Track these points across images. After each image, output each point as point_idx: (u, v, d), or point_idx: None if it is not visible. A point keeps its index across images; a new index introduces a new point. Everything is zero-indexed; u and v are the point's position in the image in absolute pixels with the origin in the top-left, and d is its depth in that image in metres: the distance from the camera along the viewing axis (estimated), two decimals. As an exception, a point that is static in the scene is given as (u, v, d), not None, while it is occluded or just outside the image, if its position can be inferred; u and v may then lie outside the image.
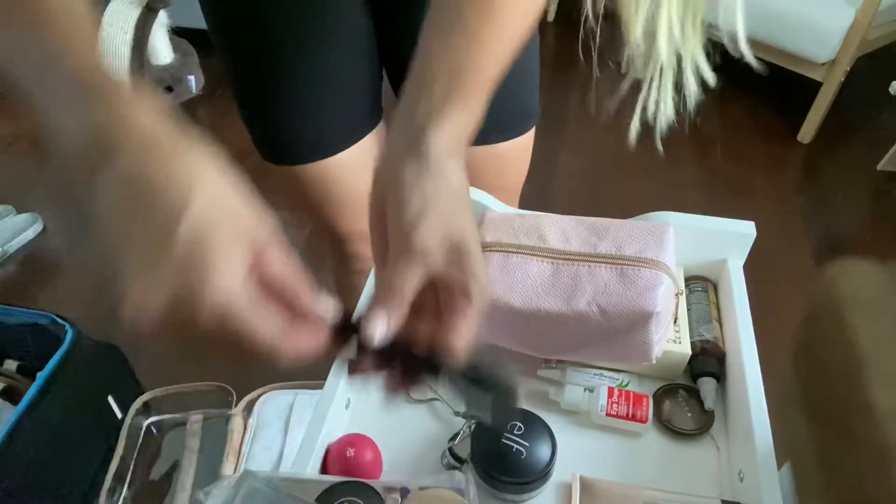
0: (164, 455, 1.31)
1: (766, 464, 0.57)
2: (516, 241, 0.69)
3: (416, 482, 0.57)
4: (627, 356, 0.65)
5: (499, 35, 0.51)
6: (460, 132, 0.50)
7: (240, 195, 0.40)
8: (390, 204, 0.46)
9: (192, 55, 2.35)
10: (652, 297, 0.61)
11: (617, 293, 0.62)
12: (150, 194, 0.37)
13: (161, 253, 0.37)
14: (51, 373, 1.15)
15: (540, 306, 0.63)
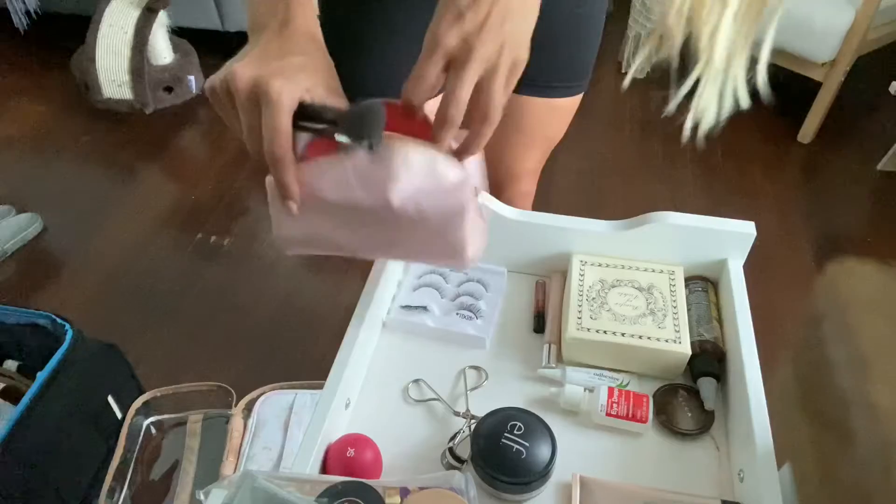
0: (164, 455, 1.31)
1: (766, 464, 0.57)
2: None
3: (416, 482, 0.57)
4: (439, 256, 0.62)
5: None
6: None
7: (332, 73, 0.58)
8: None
9: (192, 55, 2.35)
10: (461, 193, 0.56)
11: (429, 188, 0.56)
12: (290, 41, 0.57)
13: (271, 59, 0.54)
14: (51, 373, 1.15)
15: (353, 198, 0.57)
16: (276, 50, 0.55)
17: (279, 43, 0.56)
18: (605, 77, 2.62)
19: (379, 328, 0.78)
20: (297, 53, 0.56)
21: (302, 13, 0.58)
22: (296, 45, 0.57)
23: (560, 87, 0.94)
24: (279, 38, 0.57)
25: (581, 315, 0.72)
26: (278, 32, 0.57)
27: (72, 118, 2.38)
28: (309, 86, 0.54)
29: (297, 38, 0.57)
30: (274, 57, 0.54)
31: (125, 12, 2.15)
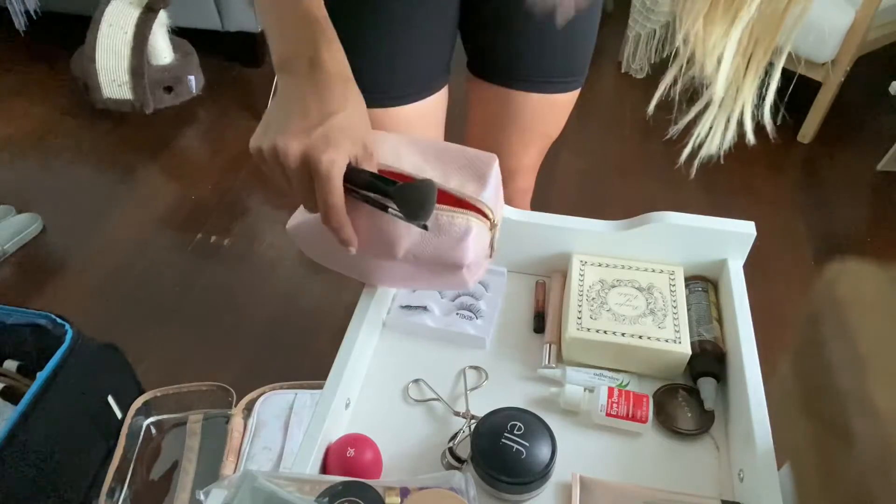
0: (164, 455, 1.31)
1: (766, 464, 0.58)
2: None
3: (416, 482, 0.57)
4: (445, 286, 0.75)
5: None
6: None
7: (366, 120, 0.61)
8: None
9: (192, 55, 2.35)
10: (462, 248, 0.61)
11: (430, 244, 0.62)
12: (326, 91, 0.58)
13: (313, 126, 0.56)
14: (51, 373, 1.15)
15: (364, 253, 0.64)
16: (316, 109, 0.57)
17: (317, 96, 0.58)
18: (605, 77, 2.62)
19: (379, 328, 0.78)
20: (337, 110, 0.57)
21: (328, 49, 0.60)
22: (332, 96, 0.58)
23: (557, 83, 0.94)
24: (314, 87, 0.58)
25: (581, 315, 0.72)
26: (310, 78, 0.58)
27: (72, 118, 2.38)
28: (354, 152, 0.58)
29: (332, 85, 0.58)
30: (316, 121, 0.56)
31: (125, 12, 2.15)
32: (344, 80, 0.60)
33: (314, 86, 0.58)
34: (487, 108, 0.99)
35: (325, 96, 0.58)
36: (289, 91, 0.59)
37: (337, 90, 0.58)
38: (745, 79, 0.54)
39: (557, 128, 1.02)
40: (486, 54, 0.94)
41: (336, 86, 0.59)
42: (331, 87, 0.58)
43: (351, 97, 0.60)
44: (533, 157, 1.05)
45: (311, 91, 0.58)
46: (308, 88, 0.58)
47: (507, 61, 0.92)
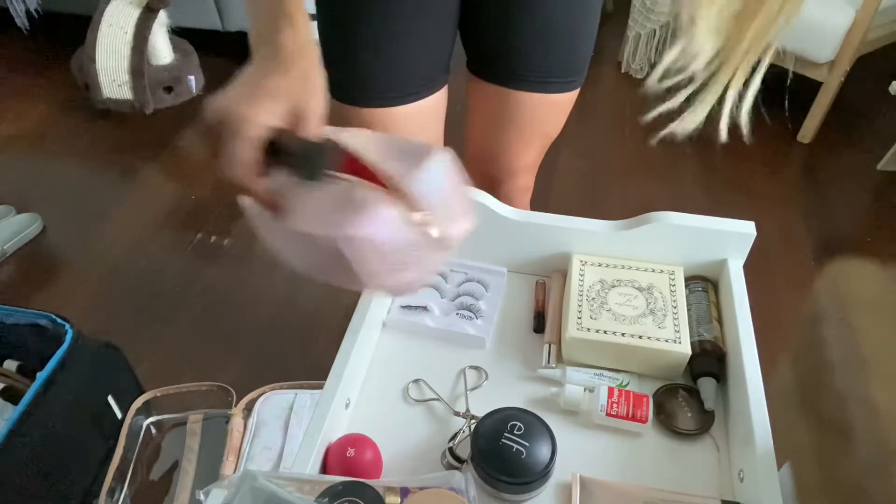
0: (164, 455, 1.31)
1: (766, 464, 0.58)
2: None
3: (416, 482, 0.57)
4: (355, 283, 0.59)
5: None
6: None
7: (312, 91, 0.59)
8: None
9: (192, 55, 2.35)
10: (352, 219, 0.54)
11: (325, 213, 0.56)
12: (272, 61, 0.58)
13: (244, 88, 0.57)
14: (51, 373, 1.15)
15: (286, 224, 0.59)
16: (257, 75, 0.58)
17: (264, 66, 0.58)
18: (605, 77, 2.62)
19: (379, 328, 0.78)
20: (271, 75, 0.57)
21: (289, 28, 0.59)
22: (276, 64, 0.58)
23: (557, 83, 0.94)
24: (264, 60, 0.59)
25: (581, 315, 0.72)
26: (265, 53, 0.59)
27: (72, 118, 2.38)
28: (279, 112, 0.56)
29: (277, 57, 0.58)
30: (250, 83, 0.57)
31: (125, 12, 2.15)
32: (294, 53, 0.59)
33: (263, 60, 0.59)
34: (487, 107, 0.99)
35: (267, 67, 0.58)
36: (246, 68, 0.60)
37: (282, 61, 0.58)
38: (735, 58, 0.52)
39: (557, 127, 1.02)
40: (486, 54, 0.94)
41: (283, 58, 0.58)
42: (277, 59, 0.58)
43: (297, 66, 0.59)
44: (532, 156, 1.05)
45: (259, 64, 0.59)
46: (258, 63, 0.59)
47: (507, 61, 0.92)
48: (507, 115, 0.98)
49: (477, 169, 1.10)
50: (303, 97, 0.58)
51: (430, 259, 0.60)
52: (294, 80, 0.58)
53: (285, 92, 0.57)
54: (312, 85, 0.60)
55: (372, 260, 0.56)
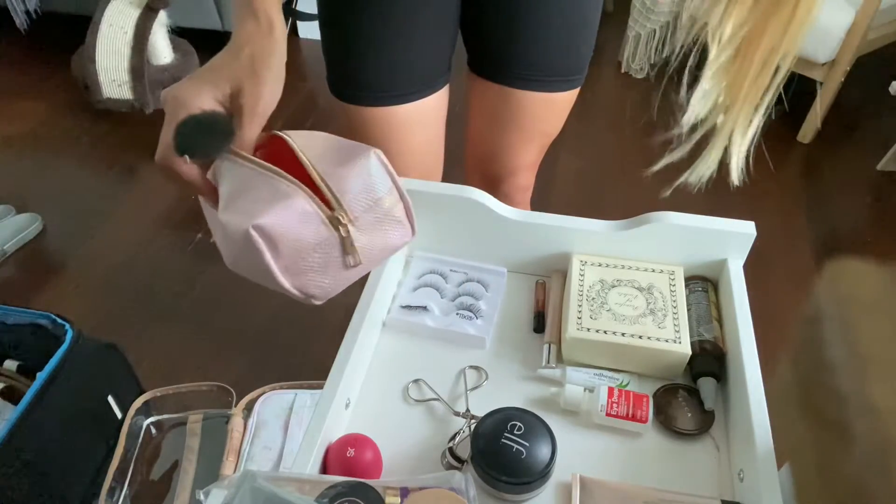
0: (164, 455, 1.31)
1: (766, 464, 0.58)
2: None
3: (416, 482, 0.57)
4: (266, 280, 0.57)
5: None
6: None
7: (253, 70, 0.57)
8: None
9: (192, 55, 2.35)
10: (263, 210, 0.52)
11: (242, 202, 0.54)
12: (226, 49, 0.58)
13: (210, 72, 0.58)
14: (51, 373, 1.15)
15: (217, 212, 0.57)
16: (210, 63, 0.58)
17: (220, 53, 0.58)
18: (605, 77, 2.62)
19: (379, 328, 0.78)
20: (225, 59, 0.57)
21: (248, 14, 0.58)
22: (225, 51, 0.58)
23: (557, 82, 0.95)
24: (224, 49, 0.59)
25: (581, 315, 0.72)
26: (230, 42, 0.59)
27: (72, 118, 2.38)
28: (215, 94, 0.56)
29: (231, 43, 0.58)
30: (199, 70, 0.57)
31: (125, 12, 2.15)
32: (249, 37, 0.58)
33: (226, 47, 0.59)
34: (488, 106, 0.99)
35: (221, 53, 0.58)
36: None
37: (233, 45, 0.58)
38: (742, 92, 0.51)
39: (557, 126, 1.03)
40: (487, 53, 0.94)
41: (235, 42, 0.58)
42: (230, 45, 0.58)
43: (247, 50, 0.57)
44: (533, 155, 1.05)
45: (217, 54, 0.59)
46: (218, 53, 0.59)
47: (509, 60, 0.92)
48: (508, 114, 0.98)
49: (477, 168, 1.10)
50: (246, 82, 0.57)
51: (342, 267, 0.57)
52: (241, 63, 0.57)
53: (227, 75, 0.57)
54: (258, 70, 0.57)
55: (283, 253, 0.53)
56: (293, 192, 0.54)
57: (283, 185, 0.54)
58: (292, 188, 0.54)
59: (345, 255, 0.57)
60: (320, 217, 0.55)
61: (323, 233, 0.55)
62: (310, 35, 2.80)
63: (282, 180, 0.54)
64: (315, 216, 0.54)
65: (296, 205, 0.53)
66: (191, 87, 0.56)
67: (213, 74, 0.57)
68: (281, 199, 0.53)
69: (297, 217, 0.53)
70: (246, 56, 0.57)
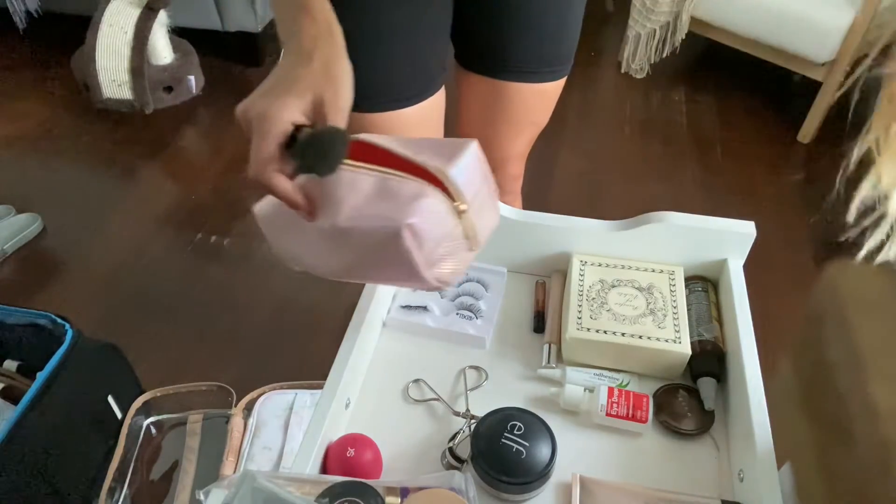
0: (164, 455, 1.31)
1: (766, 464, 0.58)
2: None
3: (416, 482, 0.57)
4: (402, 277, 0.58)
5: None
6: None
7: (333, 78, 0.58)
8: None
9: (192, 55, 2.35)
10: (407, 209, 0.54)
11: (373, 206, 0.55)
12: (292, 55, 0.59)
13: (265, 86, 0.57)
14: (51, 373, 1.15)
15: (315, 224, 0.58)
16: (277, 73, 0.57)
17: (283, 62, 0.58)
18: (605, 77, 2.62)
19: (379, 328, 0.78)
20: (292, 69, 0.56)
21: (306, 17, 0.59)
22: (295, 58, 0.57)
23: (546, 72, 0.96)
24: (284, 56, 0.58)
25: (581, 315, 0.72)
26: (285, 49, 0.59)
27: (72, 118, 2.38)
28: (300, 106, 0.55)
29: (298, 49, 0.58)
30: (274, 80, 0.56)
31: (125, 12, 2.15)
32: (314, 41, 0.58)
33: (286, 55, 0.59)
34: (479, 99, 1.00)
35: (289, 61, 0.58)
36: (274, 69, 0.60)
37: (303, 51, 0.58)
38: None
39: (546, 115, 1.05)
40: (477, 47, 0.95)
41: (303, 48, 0.58)
42: (298, 51, 0.58)
43: (318, 55, 0.57)
44: (523, 145, 1.08)
45: (282, 60, 0.59)
46: (282, 59, 0.59)
47: (498, 54, 0.93)
48: (500, 106, 0.99)
49: None
50: (325, 88, 0.57)
51: (467, 251, 0.61)
52: (315, 71, 0.57)
53: (306, 84, 0.56)
54: (334, 75, 0.58)
55: (425, 247, 0.55)
56: (423, 188, 0.55)
57: (411, 184, 0.56)
58: (420, 185, 0.56)
59: (467, 240, 0.60)
60: (449, 208, 0.57)
61: (451, 223, 0.57)
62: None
63: (405, 179, 0.56)
64: (446, 209, 0.57)
65: (431, 200, 0.55)
66: (275, 101, 0.55)
67: (293, 86, 0.56)
68: (418, 198, 0.55)
69: (433, 212, 0.55)
70: (318, 62, 0.57)
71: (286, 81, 0.56)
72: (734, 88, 2.52)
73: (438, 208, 0.56)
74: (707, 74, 2.62)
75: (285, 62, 0.58)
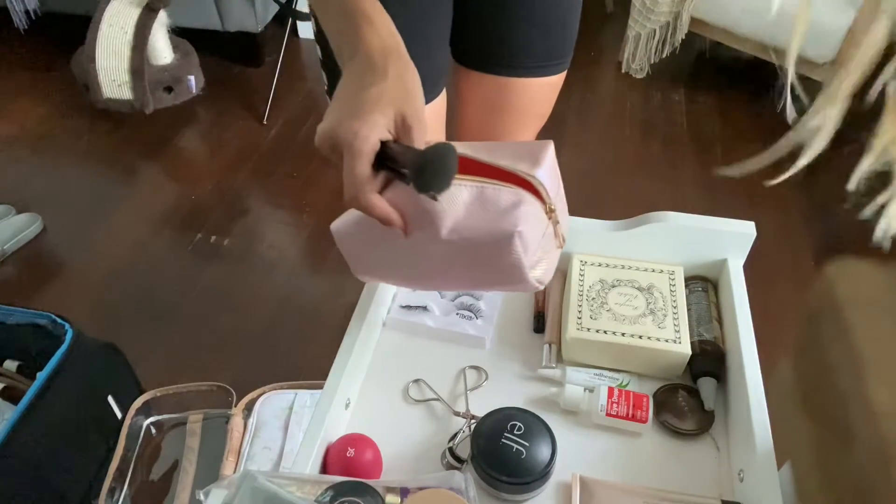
0: (164, 455, 1.31)
1: (766, 464, 0.58)
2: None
3: (416, 482, 0.57)
4: (503, 281, 0.61)
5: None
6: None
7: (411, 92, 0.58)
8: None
9: (192, 55, 2.35)
10: (511, 217, 0.56)
11: (475, 216, 0.57)
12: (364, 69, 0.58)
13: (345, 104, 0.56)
14: (51, 373, 1.15)
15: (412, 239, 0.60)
16: (352, 90, 0.56)
17: (356, 77, 0.57)
18: (605, 77, 2.62)
19: (379, 328, 0.78)
20: (370, 85, 0.56)
21: (368, 29, 0.58)
22: (369, 72, 0.57)
23: (550, 66, 0.97)
24: (354, 70, 0.58)
25: (581, 315, 0.72)
26: (352, 63, 0.58)
27: (72, 118, 2.38)
28: (386, 123, 0.55)
29: (370, 63, 0.57)
30: (350, 98, 0.56)
31: (125, 12, 2.15)
32: (384, 54, 0.58)
33: (354, 69, 0.58)
34: (483, 97, 1.00)
35: (362, 76, 0.57)
36: (340, 83, 0.59)
37: (375, 66, 0.57)
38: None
39: (549, 108, 1.06)
40: (480, 45, 0.95)
41: (375, 62, 0.57)
42: (369, 65, 0.57)
43: (391, 69, 0.57)
44: (529, 138, 1.09)
45: (351, 75, 0.58)
46: (350, 74, 0.58)
47: (502, 51, 0.93)
48: (505, 103, 1.00)
49: None
50: (404, 101, 0.57)
51: (556, 250, 0.63)
52: (391, 84, 0.56)
53: (387, 100, 0.56)
54: (411, 88, 0.58)
55: (528, 251, 0.57)
56: (521, 195, 0.57)
57: (508, 192, 0.57)
58: (517, 192, 0.57)
59: (557, 239, 0.62)
60: (544, 212, 0.59)
61: (545, 224, 0.60)
62: (310, 35, 2.80)
63: (501, 187, 0.58)
64: (541, 213, 0.59)
65: (530, 207, 0.57)
66: (363, 121, 0.54)
67: (377, 104, 0.55)
68: (518, 205, 0.56)
69: (533, 216, 0.57)
70: (393, 77, 0.57)
71: (367, 100, 0.55)
72: (734, 88, 2.52)
73: (536, 213, 0.58)
74: (707, 74, 2.62)
75: (355, 78, 0.57)
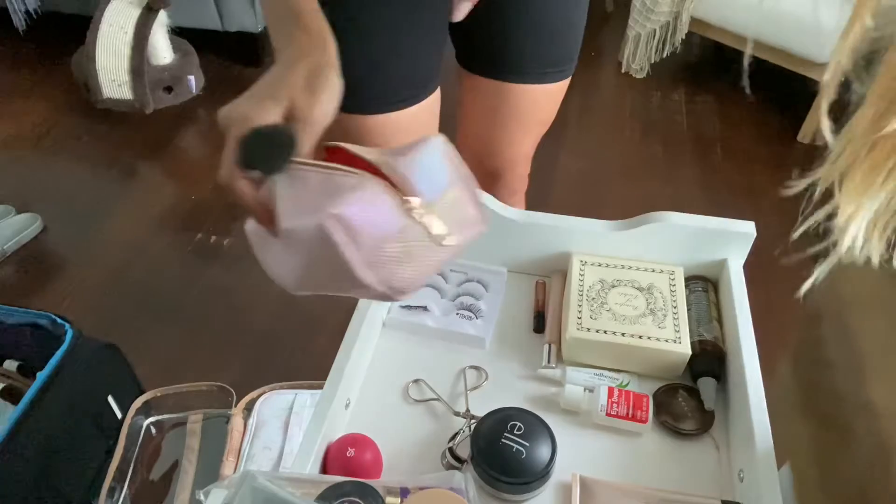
0: (164, 455, 1.31)
1: (766, 464, 0.57)
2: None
3: (416, 482, 0.57)
4: (344, 281, 0.52)
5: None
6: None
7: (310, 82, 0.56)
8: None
9: (192, 55, 2.35)
10: (335, 200, 0.49)
11: (311, 202, 0.50)
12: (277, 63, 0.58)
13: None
14: (51, 373, 1.15)
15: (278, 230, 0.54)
16: (267, 77, 0.57)
17: (275, 68, 0.58)
18: (605, 77, 2.62)
19: (379, 328, 0.78)
20: (280, 72, 0.56)
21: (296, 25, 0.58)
22: (284, 63, 0.57)
23: (553, 73, 0.97)
24: (278, 64, 0.58)
25: (581, 315, 0.72)
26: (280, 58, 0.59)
27: (72, 118, 2.38)
28: (279, 110, 0.54)
29: (288, 55, 0.58)
30: (258, 84, 0.56)
31: (125, 12, 2.15)
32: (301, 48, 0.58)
33: (276, 61, 0.58)
34: (486, 102, 1.00)
35: (277, 68, 0.57)
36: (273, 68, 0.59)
37: (291, 56, 0.57)
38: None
39: (552, 115, 1.05)
40: (483, 51, 0.95)
41: (292, 54, 0.57)
42: (286, 56, 0.57)
43: (303, 62, 0.56)
44: (530, 145, 1.09)
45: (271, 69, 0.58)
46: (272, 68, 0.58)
47: (505, 56, 0.93)
48: (508, 108, 1.00)
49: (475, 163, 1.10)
50: (302, 96, 0.56)
51: (429, 255, 0.54)
52: (297, 78, 0.56)
53: (285, 89, 0.55)
54: (315, 84, 0.56)
55: (363, 245, 0.50)
56: (362, 180, 0.51)
57: (351, 178, 0.51)
58: (360, 177, 0.51)
59: (425, 243, 0.53)
60: (394, 203, 0.51)
61: (400, 220, 0.52)
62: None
63: (347, 174, 0.52)
64: (390, 203, 0.51)
65: (367, 192, 0.50)
66: (252, 103, 0.54)
67: (271, 89, 0.55)
68: (352, 190, 0.50)
69: (372, 204, 0.50)
70: (302, 70, 0.56)
71: (268, 87, 0.56)
72: (734, 88, 2.51)
73: (379, 201, 0.50)
74: (707, 74, 2.62)
75: (273, 69, 0.58)
